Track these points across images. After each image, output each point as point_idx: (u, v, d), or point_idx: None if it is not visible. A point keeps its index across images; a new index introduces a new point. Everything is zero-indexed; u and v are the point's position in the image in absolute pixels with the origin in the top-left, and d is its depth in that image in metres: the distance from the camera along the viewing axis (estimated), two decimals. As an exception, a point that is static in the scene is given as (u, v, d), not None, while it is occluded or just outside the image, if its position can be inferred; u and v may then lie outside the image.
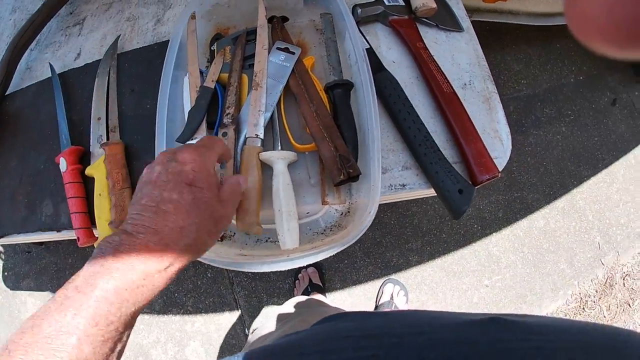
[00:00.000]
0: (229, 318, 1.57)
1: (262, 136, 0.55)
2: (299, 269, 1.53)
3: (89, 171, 0.62)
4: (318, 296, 1.41)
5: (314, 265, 1.52)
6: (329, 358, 0.32)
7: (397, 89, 0.60)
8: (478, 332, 0.30)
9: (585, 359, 0.27)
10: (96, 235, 0.61)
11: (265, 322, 0.77)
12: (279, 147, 0.56)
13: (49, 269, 1.85)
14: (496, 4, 1.22)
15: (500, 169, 0.59)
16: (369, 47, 0.64)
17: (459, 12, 0.71)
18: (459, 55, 0.68)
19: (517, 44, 1.58)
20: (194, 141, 0.55)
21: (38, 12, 0.82)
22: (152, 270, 0.32)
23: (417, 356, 0.29)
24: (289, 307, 0.86)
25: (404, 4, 0.69)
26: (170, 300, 1.64)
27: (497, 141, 0.62)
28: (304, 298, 0.94)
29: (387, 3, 0.68)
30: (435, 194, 0.59)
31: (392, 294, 1.42)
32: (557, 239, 1.48)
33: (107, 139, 0.64)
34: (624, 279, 1.43)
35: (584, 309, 1.41)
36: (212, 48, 0.65)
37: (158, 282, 0.33)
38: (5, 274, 1.94)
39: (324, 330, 0.43)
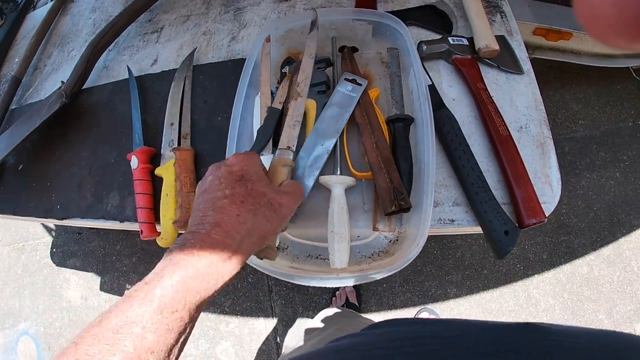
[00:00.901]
0: (263, 324, 1.66)
1: (294, 148, 0.58)
2: (338, 287, 1.60)
3: (158, 171, 0.72)
4: None
5: (353, 285, 1.57)
6: (392, 352, 0.36)
7: (455, 127, 0.66)
8: (517, 334, 0.35)
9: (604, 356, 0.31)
10: (158, 231, 0.70)
11: (299, 334, 0.84)
12: (339, 172, 0.63)
13: (96, 252, 2.03)
14: (558, 43, 1.25)
15: (547, 215, 0.63)
16: (431, 83, 0.70)
17: (520, 54, 0.76)
18: (518, 98, 0.73)
19: (577, 83, 1.61)
20: (261, 157, 0.63)
21: (119, 16, 0.94)
22: (216, 259, 0.35)
23: (471, 351, 0.34)
24: (323, 317, 0.92)
25: (467, 43, 0.75)
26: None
27: (547, 186, 0.66)
28: (334, 310, 0.99)
29: (451, 42, 0.74)
30: (481, 232, 0.65)
31: None
32: (599, 288, 1.48)
33: (179, 144, 0.73)
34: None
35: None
36: (282, 70, 0.73)
37: (223, 270, 0.35)
38: (54, 250, 2.13)
39: (381, 332, 0.48)
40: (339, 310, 0.98)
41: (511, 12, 0.81)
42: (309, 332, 0.84)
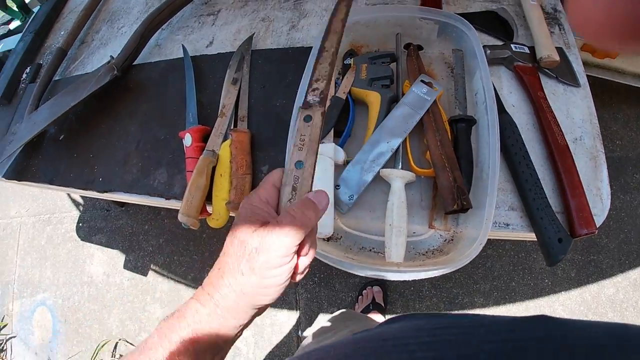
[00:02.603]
0: (286, 316, 1.67)
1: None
2: (365, 285, 1.61)
3: (213, 151, 0.72)
4: (377, 316, 1.48)
5: (381, 285, 1.59)
6: (407, 342, 0.36)
7: (516, 133, 0.67)
8: (530, 325, 0.35)
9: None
10: (209, 212, 0.71)
11: (307, 339, 0.84)
12: (400, 167, 0.63)
13: (123, 230, 2.04)
14: (604, 60, 1.26)
15: (597, 226, 0.64)
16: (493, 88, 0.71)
17: (577, 67, 0.76)
18: (574, 110, 0.73)
19: (618, 102, 1.62)
20: (322, 144, 0.64)
21: (177, -4, 0.95)
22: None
23: (487, 339, 0.34)
24: (339, 315, 0.93)
25: (529, 52, 0.75)
26: None
27: (598, 199, 0.66)
28: (344, 311, 1.00)
29: (514, 49, 0.75)
30: (533, 239, 0.65)
31: None
32: (623, 312, 1.48)
33: (234, 126, 0.74)
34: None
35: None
36: (344, 62, 0.74)
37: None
38: (80, 224, 2.15)
39: (397, 325, 0.49)
40: (342, 313, 0.99)
41: (569, 26, 0.82)
42: (317, 334, 0.84)
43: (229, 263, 0.37)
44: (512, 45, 0.75)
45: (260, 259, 0.35)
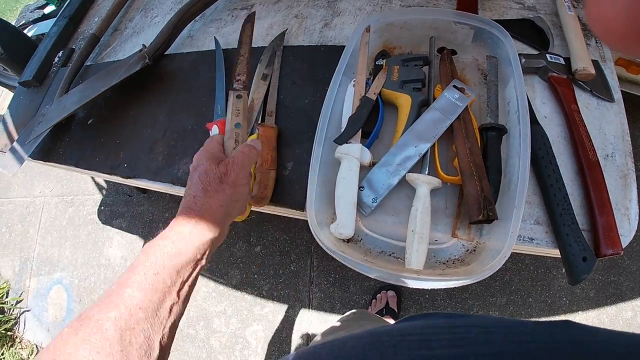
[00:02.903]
0: (297, 313, 1.68)
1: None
2: (380, 289, 1.60)
3: (239, 144, 0.73)
4: (390, 321, 1.46)
5: (395, 290, 1.59)
6: (426, 338, 0.36)
7: (547, 145, 0.65)
8: (552, 327, 0.34)
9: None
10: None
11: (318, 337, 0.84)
12: (426, 172, 0.62)
13: (144, 217, 2.09)
14: (638, 76, 1.22)
15: (623, 247, 0.62)
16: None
17: (612, 82, 0.74)
18: (606, 125, 0.71)
19: (650, 120, 1.56)
20: (349, 145, 0.64)
21: (212, -12, 0.96)
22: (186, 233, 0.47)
23: (509, 339, 0.33)
24: (350, 315, 0.92)
25: (564, 63, 0.74)
26: (249, 279, 1.79)
27: (625, 219, 0.65)
28: (357, 310, 0.99)
29: (549, 59, 0.73)
30: (557, 255, 0.64)
31: None
32: (641, 336, 1.43)
33: (262, 120, 0.74)
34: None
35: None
36: (376, 62, 0.73)
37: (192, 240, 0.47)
38: (102, 208, 2.20)
39: (417, 322, 0.48)
40: (354, 313, 0.98)
41: (601, 36, 0.79)
42: (332, 331, 0.84)
43: (202, 188, 0.49)
44: (547, 55, 0.73)
45: (231, 178, 0.51)
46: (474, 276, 0.54)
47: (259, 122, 0.74)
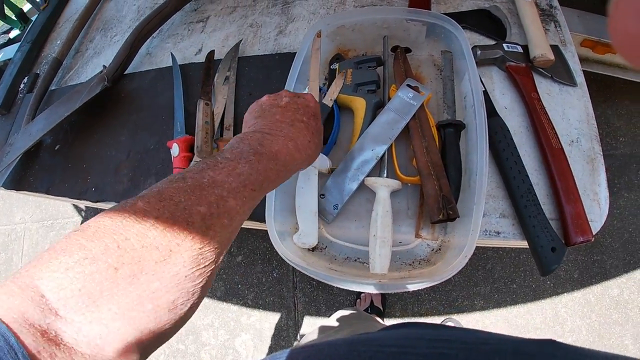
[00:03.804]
0: (284, 320, 1.68)
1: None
2: None
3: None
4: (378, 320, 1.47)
5: None
6: (405, 351, 0.36)
7: (507, 137, 0.64)
8: (536, 347, 0.33)
9: None
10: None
11: (313, 332, 0.83)
12: (385, 174, 0.61)
13: None
14: (605, 56, 1.21)
15: (594, 233, 0.61)
16: (484, 89, 0.69)
17: (573, 65, 0.73)
18: (570, 111, 0.70)
19: (620, 98, 1.57)
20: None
21: (166, 4, 0.94)
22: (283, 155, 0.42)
23: (488, 358, 0.33)
24: (339, 316, 0.91)
25: (522, 51, 0.73)
26: (233, 290, 1.78)
27: (595, 204, 0.64)
28: (349, 311, 0.99)
29: (506, 48, 0.72)
30: (525, 247, 0.63)
31: None
32: (628, 312, 1.44)
33: (221, 135, 0.73)
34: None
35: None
36: (331, 67, 0.72)
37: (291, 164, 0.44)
38: None
39: (397, 332, 0.48)
40: (354, 312, 0.97)
41: (565, 22, 0.78)
42: (323, 330, 0.83)
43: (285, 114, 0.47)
44: (504, 45, 0.72)
45: (309, 111, 0.49)
46: (434, 278, 0.53)
47: (218, 137, 0.73)
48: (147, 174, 0.79)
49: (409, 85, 0.64)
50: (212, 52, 0.82)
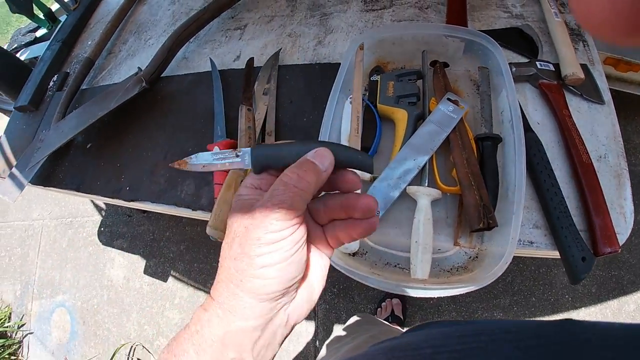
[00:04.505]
0: (303, 326, 1.69)
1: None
2: (385, 297, 1.62)
3: (241, 165, 0.74)
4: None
5: (400, 297, 1.60)
6: (440, 350, 0.36)
7: (541, 151, 0.68)
8: (553, 328, 0.35)
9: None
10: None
11: (332, 341, 0.85)
12: (426, 184, 0.65)
13: (144, 236, 2.09)
14: (627, 74, 1.26)
15: (620, 245, 0.64)
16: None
17: (601, 84, 0.76)
18: (598, 128, 0.73)
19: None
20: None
21: (203, 10, 0.98)
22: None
23: (514, 345, 0.34)
24: (353, 321, 0.93)
25: (553, 69, 0.76)
26: None
27: (621, 217, 0.67)
28: (359, 317, 1.01)
29: (539, 66, 0.75)
30: (557, 257, 0.66)
31: None
32: (644, 328, 1.46)
33: (263, 140, 0.76)
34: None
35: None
36: (371, 78, 0.75)
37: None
38: (102, 229, 2.21)
39: (422, 333, 0.49)
40: (359, 318, 0.99)
41: (593, 42, 0.82)
42: (338, 340, 0.85)
43: (221, 255, 0.33)
44: (537, 63, 0.76)
45: (252, 236, 0.30)
46: (477, 283, 0.56)
47: (259, 142, 0.76)
48: (185, 176, 0.82)
49: (449, 99, 0.67)
50: (252, 59, 0.86)
